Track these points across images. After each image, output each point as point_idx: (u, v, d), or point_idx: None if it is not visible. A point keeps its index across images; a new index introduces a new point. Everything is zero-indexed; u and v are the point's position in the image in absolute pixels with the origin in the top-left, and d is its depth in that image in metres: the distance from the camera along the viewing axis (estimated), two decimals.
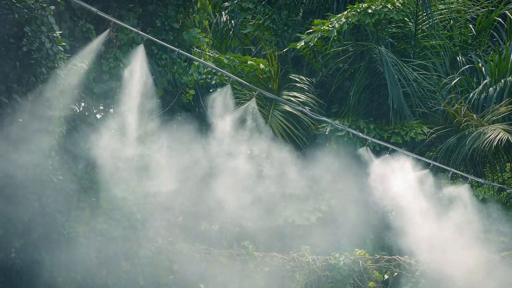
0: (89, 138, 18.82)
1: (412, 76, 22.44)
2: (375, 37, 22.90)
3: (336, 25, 21.82)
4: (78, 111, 19.35)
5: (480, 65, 23.33)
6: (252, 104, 20.31)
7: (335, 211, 21.86)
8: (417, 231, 19.43)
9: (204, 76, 21.43)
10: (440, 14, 23.80)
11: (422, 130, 21.87)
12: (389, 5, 21.71)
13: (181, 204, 20.09)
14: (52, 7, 17.05)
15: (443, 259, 19.55)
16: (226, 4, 25.37)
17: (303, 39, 22.43)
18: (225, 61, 21.98)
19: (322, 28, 22.04)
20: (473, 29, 24.46)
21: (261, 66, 22.08)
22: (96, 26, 19.51)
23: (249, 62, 22.14)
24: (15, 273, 17.79)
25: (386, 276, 19.69)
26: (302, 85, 22.78)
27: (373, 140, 20.58)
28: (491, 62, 22.83)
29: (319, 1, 24.49)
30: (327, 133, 21.86)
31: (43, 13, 16.61)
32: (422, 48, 23.39)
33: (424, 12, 23.11)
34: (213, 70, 21.28)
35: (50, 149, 17.47)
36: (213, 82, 21.60)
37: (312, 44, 22.26)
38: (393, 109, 22.14)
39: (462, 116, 21.81)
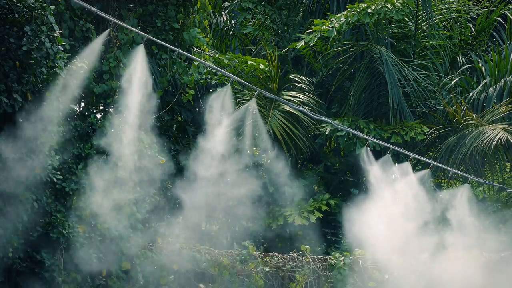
0: (89, 138, 18.84)
1: (412, 76, 22.44)
2: (375, 37, 22.90)
3: (336, 25, 21.82)
4: (78, 111, 19.35)
5: (480, 65, 23.33)
6: (252, 104, 20.28)
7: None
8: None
9: (204, 76, 21.43)
10: (440, 14, 23.80)
11: (422, 130, 21.87)
12: (388, 5, 21.72)
13: (180, 203, 20.10)
14: (52, 7, 17.04)
15: (443, 259, 19.59)
16: (226, 4, 25.36)
17: (303, 39, 22.44)
18: (225, 61, 21.97)
19: (322, 28, 22.04)
20: (473, 29, 24.47)
21: (261, 66, 22.08)
22: (96, 26, 19.52)
23: (249, 62, 22.14)
24: (15, 273, 17.80)
25: (386, 276, 19.68)
26: (302, 85, 22.78)
27: (373, 140, 20.56)
28: (491, 62, 22.83)
29: (319, 1, 24.50)
30: (327, 133, 21.86)
31: (43, 12, 16.61)
32: (422, 48, 23.40)
33: (424, 12, 23.12)
34: (213, 70, 21.28)
35: (50, 149, 17.47)
36: (213, 82, 21.60)
37: (312, 44, 22.26)
38: (393, 109, 22.14)
39: (462, 116, 21.81)
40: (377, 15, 21.69)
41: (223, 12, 25.67)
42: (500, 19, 24.70)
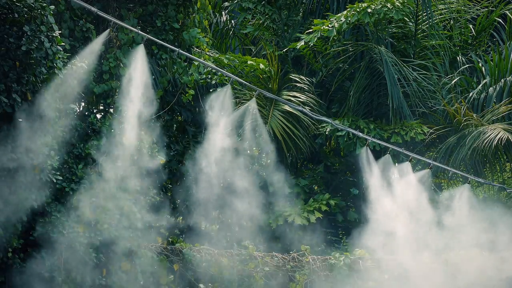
0: (89, 138, 18.83)
1: (412, 76, 22.44)
2: (375, 37, 22.90)
3: (336, 25, 21.83)
4: (78, 111, 19.36)
5: (480, 65, 23.33)
6: (252, 104, 20.29)
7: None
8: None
9: (204, 76, 21.43)
10: (440, 14, 23.81)
11: (422, 130, 21.87)
12: (388, 5, 21.72)
13: (180, 203, 20.11)
14: (52, 7, 17.06)
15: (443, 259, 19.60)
16: (226, 4, 25.37)
17: (303, 39, 22.44)
18: (225, 61, 21.97)
19: (322, 28, 22.04)
20: (473, 29, 24.47)
21: (261, 66, 22.08)
22: (96, 26, 19.54)
23: (249, 62, 22.14)
24: (15, 273, 17.80)
25: (386, 276, 19.68)
26: (302, 85, 22.79)
27: (373, 140, 20.56)
28: (491, 62, 22.84)
29: (319, 1, 24.50)
30: (327, 133, 21.86)
31: (42, 12, 16.62)
32: (422, 48, 23.40)
33: (424, 12, 23.12)
34: (213, 70, 21.28)
35: (50, 149, 17.47)
36: (213, 82, 21.61)
37: (312, 44, 22.27)
38: (393, 109, 22.14)
39: (462, 116, 21.81)
40: (377, 15, 21.70)
41: (223, 12, 25.68)
42: (500, 19, 24.71)
